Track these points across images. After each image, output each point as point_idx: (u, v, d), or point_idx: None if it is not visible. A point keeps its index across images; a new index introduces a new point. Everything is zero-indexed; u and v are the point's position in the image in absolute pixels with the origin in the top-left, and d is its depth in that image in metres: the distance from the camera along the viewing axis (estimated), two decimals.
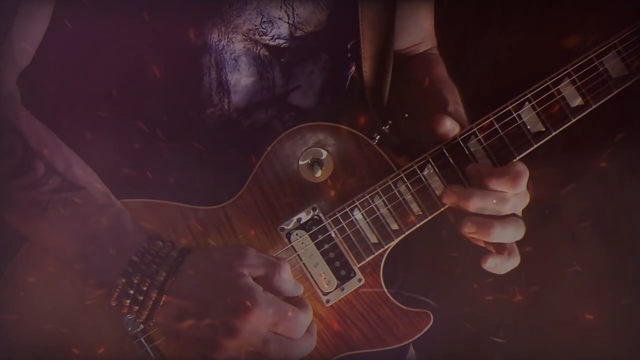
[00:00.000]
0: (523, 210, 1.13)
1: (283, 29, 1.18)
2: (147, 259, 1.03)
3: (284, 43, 1.19)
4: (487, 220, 1.09)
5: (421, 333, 1.15)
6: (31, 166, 1.03)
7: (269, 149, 1.14)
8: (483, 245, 1.13)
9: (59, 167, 1.05)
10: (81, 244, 1.04)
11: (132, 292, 1.01)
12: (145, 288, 1.01)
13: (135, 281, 1.01)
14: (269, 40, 1.17)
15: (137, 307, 1.02)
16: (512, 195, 1.09)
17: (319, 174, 1.13)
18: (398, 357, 1.39)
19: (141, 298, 1.01)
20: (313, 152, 1.14)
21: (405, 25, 1.34)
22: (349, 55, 1.29)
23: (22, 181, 1.02)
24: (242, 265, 1.03)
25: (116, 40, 1.12)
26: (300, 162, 1.14)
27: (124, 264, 1.02)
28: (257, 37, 1.16)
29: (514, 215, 1.11)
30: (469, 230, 1.09)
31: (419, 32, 1.39)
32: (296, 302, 1.06)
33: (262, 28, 1.15)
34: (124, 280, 1.02)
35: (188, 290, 1.01)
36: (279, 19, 1.17)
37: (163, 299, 1.01)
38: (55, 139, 1.08)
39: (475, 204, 1.08)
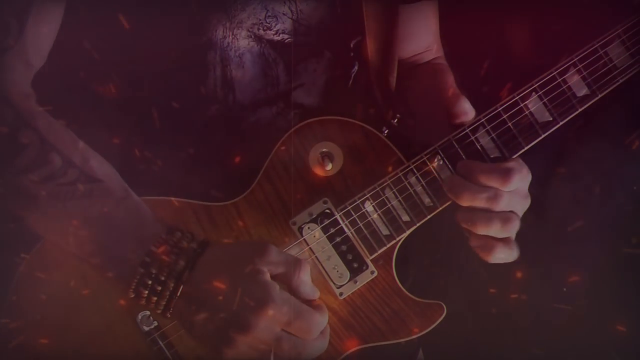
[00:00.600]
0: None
1: (287, 25, 1.19)
2: (168, 249, 1.03)
3: (288, 38, 1.20)
4: (473, 214, 1.09)
5: (435, 325, 1.15)
6: (48, 159, 1.04)
7: (279, 143, 1.14)
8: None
9: (75, 161, 1.05)
10: (100, 236, 1.04)
11: (150, 282, 1.02)
12: (163, 278, 1.01)
13: (154, 271, 1.02)
14: (274, 35, 1.18)
15: (155, 298, 1.02)
16: (506, 193, 1.09)
17: (329, 167, 1.13)
18: (409, 359, 1.39)
19: (159, 288, 1.02)
20: (323, 146, 1.14)
21: (409, 30, 1.34)
22: (352, 54, 1.29)
23: (39, 174, 1.03)
24: (262, 261, 1.03)
25: (123, 39, 1.12)
26: (311, 156, 1.14)
27: (142, 254, 1.02)
28: (261, 32, 1.17)
29: (509, 212, 1.10)
30: (460, 221, 1.10)
31: (424, 39, 1.38)
32: (313, 305, 1.06)
33: (267, 22, 1.16)
34: (142, 271, 1.02)
35: (206, 282, 1.01)
36: (283, 14, 1.18)
37: (180, 288, 1.01)
38: (71, 135, 1.08)
39: (465, 198, 1.09)
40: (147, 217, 1.07)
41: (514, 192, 1.09)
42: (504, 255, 1.10)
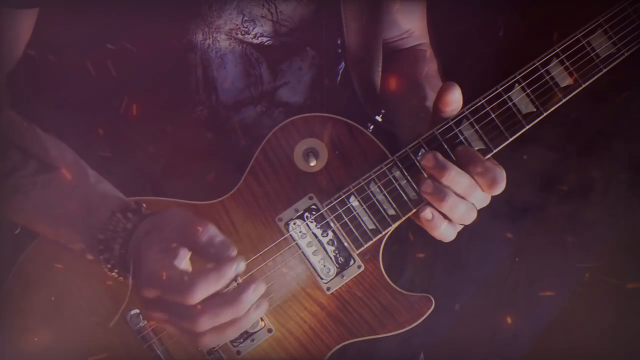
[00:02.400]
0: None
1: (267, 27, 1.20)
2: (109, 235, 1.03)
3: (267, 41, 1.21)
4: (446, 189, 1.09)
5: (423, 318, 1.16)
6: (7, 155, 1.06)
7: (264, 142, 1.16)
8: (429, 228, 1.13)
9: (34, 151, 1.07)
10: (64, 226, 1.06)
11: (108, 267, 1.04)
12: (111, 263, 1.03)
13: (106, 256, 1.03)
14: (252, 38, 1.19)
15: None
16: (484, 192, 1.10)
17: (313, 163, 1.14)
18: None
19: (114, 274, 1.04)
20: (307, 143, 1.15)
21: (392, 18, 1.35)
22: (340, 50, 1.30)
23: (0, 169, 1.05)
24: (165, 230, 1.00)
25: (101, 43, 1.14)
26: (295, 153, 1.15)
27: (95, 242, 1.04)
28: (239, 36, 1.18)
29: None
30: (425, 189, 1.09)
31: (406, 22, 1.38)
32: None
33: (244, 27, 1.18)
34: (101, 257, 1.03)
35: (134, 260, 1.00)
36: (262, 16, 1.18)
37: (124, 271, 1.02)
38: (29, 126, 1.10)
39: (449, 176, 1.08)
40: (93, 203, 1.06)
41: None
42: (449, 234, 1.13)
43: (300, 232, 1.13)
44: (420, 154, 1.14)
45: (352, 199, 1.13)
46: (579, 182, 1.53)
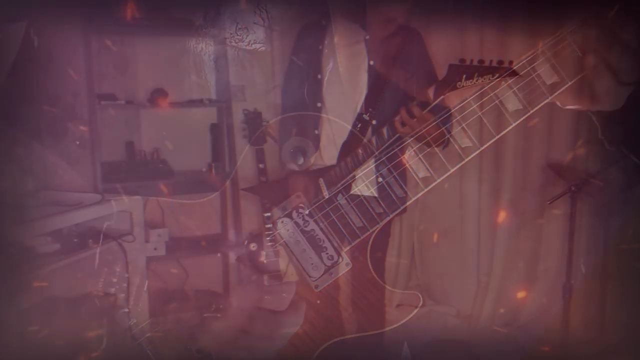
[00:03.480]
0: None
1: (260, 33, 1.22)
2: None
3: (261, 47, 1.22)
4: None
5: (412, 315, 1.16)
6: (7, 173, 1.07)
7: (252, 140, 1.16)
8: None
9: (34, 169, 1.10)
10: None
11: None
12: None
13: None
14: (246, 45, 1.21)
15: None
16: None
17: (301, 161, 1.15)
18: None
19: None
20: (295, 141, 1.16)
21: None
22: (328, 50, 1.31)
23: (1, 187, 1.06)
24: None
25: (94, 53, 1.15)
26: (283, 151, 1.16)
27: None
28: (234, 44, 1.20)
29: None
30: None
31: None
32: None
33: (238, 35, 1.19)
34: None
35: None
36: (254, 23, 1.20)
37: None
38: (27, 143, 1.11)
39: None
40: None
41: None
42: None
43: (288, 230, 1.14)
44: (408, 152, 1.15)
45: (339, 197, 1.14)
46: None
